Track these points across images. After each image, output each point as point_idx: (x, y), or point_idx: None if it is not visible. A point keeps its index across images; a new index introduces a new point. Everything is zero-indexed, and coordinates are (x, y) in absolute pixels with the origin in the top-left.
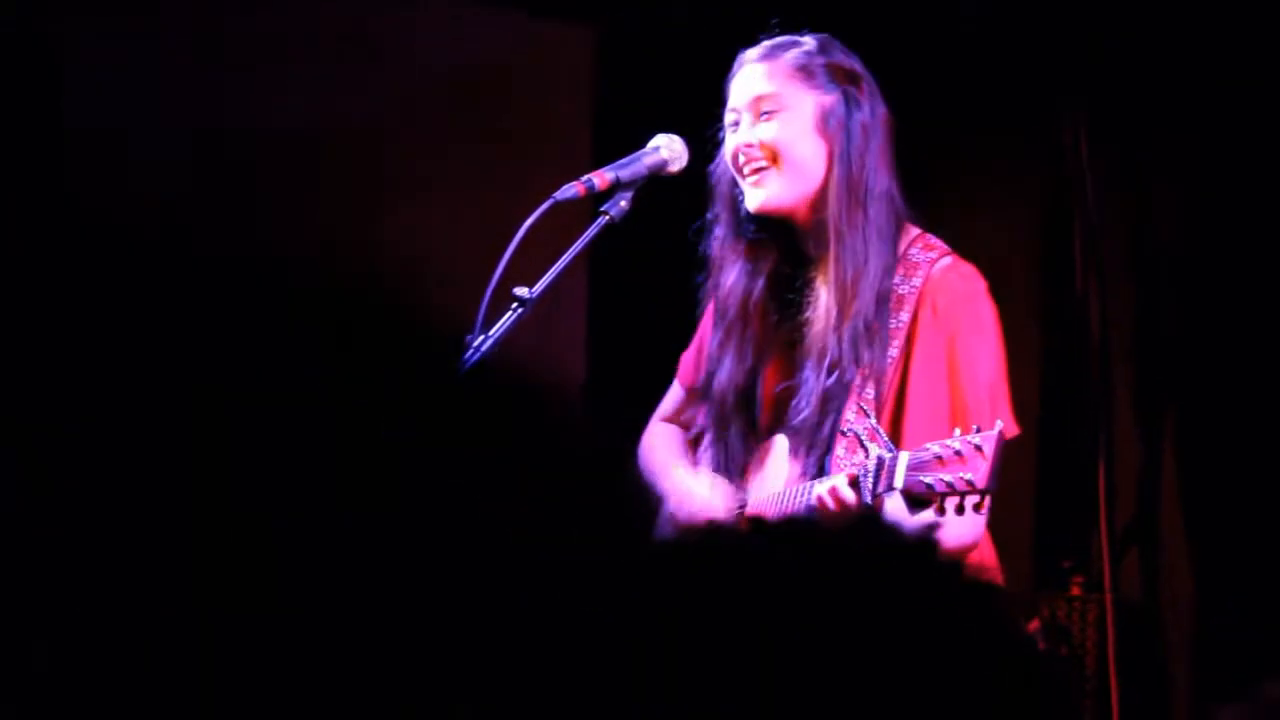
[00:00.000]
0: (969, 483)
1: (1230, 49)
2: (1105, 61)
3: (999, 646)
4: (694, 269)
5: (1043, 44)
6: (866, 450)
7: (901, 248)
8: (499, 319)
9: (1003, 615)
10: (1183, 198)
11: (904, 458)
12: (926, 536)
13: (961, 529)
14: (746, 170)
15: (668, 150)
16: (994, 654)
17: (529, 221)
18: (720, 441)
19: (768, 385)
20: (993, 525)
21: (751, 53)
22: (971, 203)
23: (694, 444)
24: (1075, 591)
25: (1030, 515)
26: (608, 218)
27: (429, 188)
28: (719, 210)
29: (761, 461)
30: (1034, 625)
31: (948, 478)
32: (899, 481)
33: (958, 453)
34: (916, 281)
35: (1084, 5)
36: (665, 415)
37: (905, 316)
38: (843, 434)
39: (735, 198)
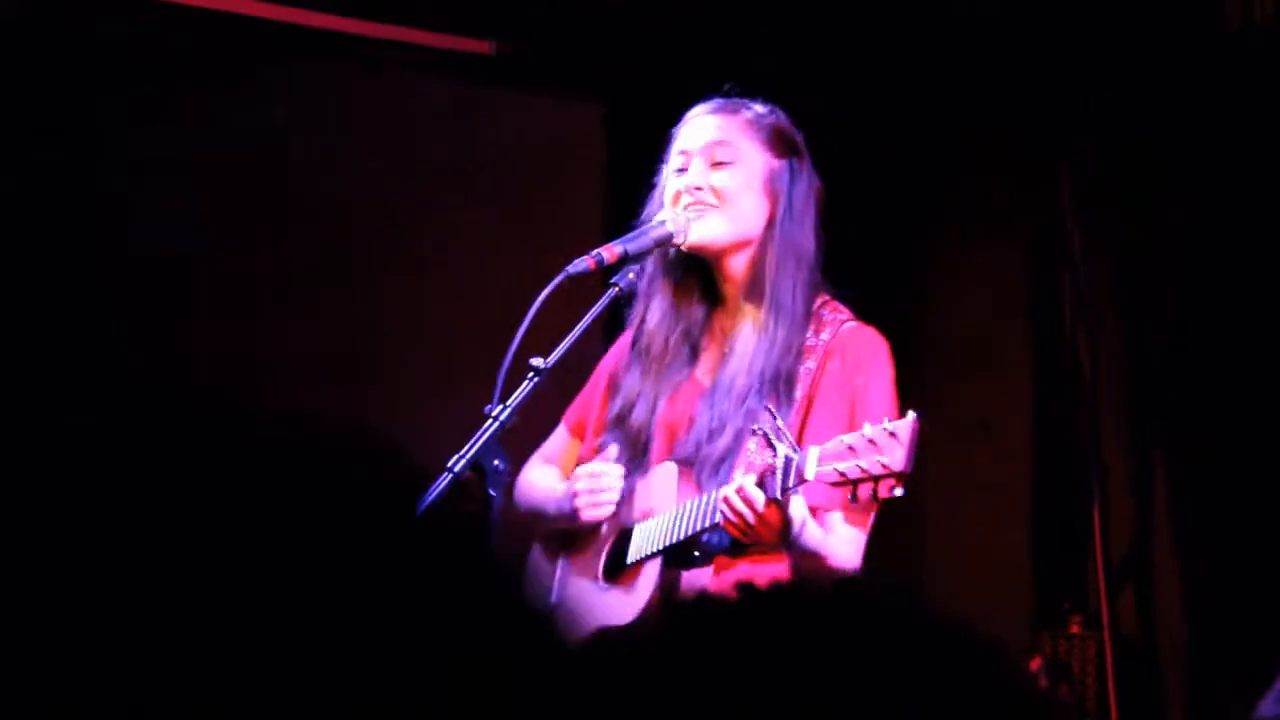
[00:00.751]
0: (885, 466)
1: (1213, 102)
2: (1092, 114)
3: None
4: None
5: (1030, 98)
6: (774, 449)
7: (814, 307)
8: (516, 389)
9: (1011, 673)
10: (1168, 245)
11: (814, 450)
12: (911, 596)
13: (845, 555)
14: (690, 206)
15: (673, 224)
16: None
17: (543, 294)
18: (631, 470)
19: (667, 416)
20: (991, 566)
21: (706, 105)
22: (964, 252)
23: None
24: (1074, 630)
25: (1029, 557)
26: (618, 289)
27: (447, 261)
28: (640, 257)
29: (652, 487)
30: (1036, 663)
31: (862, 463)
32: (810, 473)
33: (871, 441)
34: (825, 336)
35: (1071, 62)
36: (546, 456)
37: (812, 365)
38: (752, 433)
39: (655, 247)
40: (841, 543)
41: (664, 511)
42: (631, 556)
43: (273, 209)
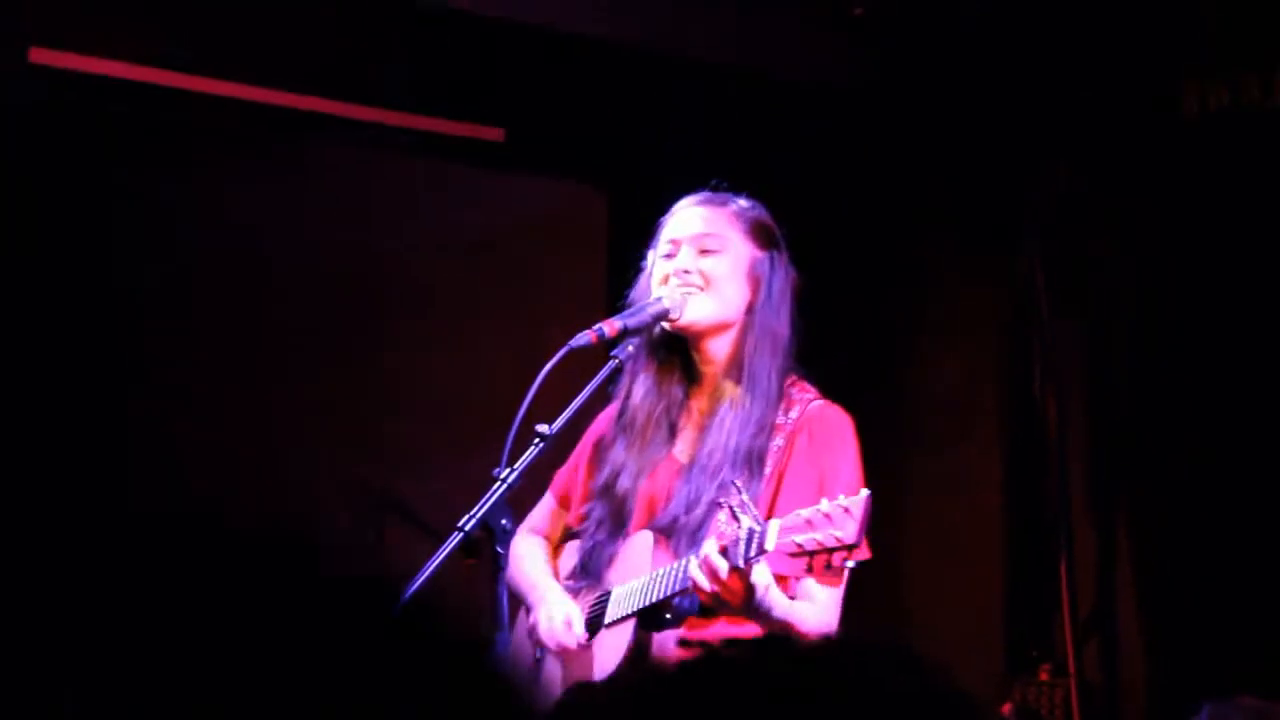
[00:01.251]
0: (838, 539)
1: (1173, 182)
2: (1059, 190)
3: None
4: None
5: (999, 172)
6: (739, 521)
7: (784, 386)
8: (522, 453)
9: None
10: (1133, 315)
11: (775, 524)
12: (904, 654)
13: (821, 619)
14: (679, 288)
15: (669, 300)
16: None
17: (548, 366)
18: (611, 537)
19: (647, 489)
20: (965, 617)
21: (694, 198)
22: (937, 322)
23: (556, 553)
24: (1043, 676)
25: (1000, 608)
26: (617, 361)
27: (458, 333)
28: (639, 332)
29: (625, 553)
30: (1007, 708)
31: (818, 536)
32: (770, 544)
33: (826, 515)
34: (794, 414)
35: (1039, 142)
36: (533, 527)
37: (780, 442)
38: (719, 504)
39: (653, 323)
40: (815, 606)
41: (640, 576)
42: (608, 618)
43: (289, 284)
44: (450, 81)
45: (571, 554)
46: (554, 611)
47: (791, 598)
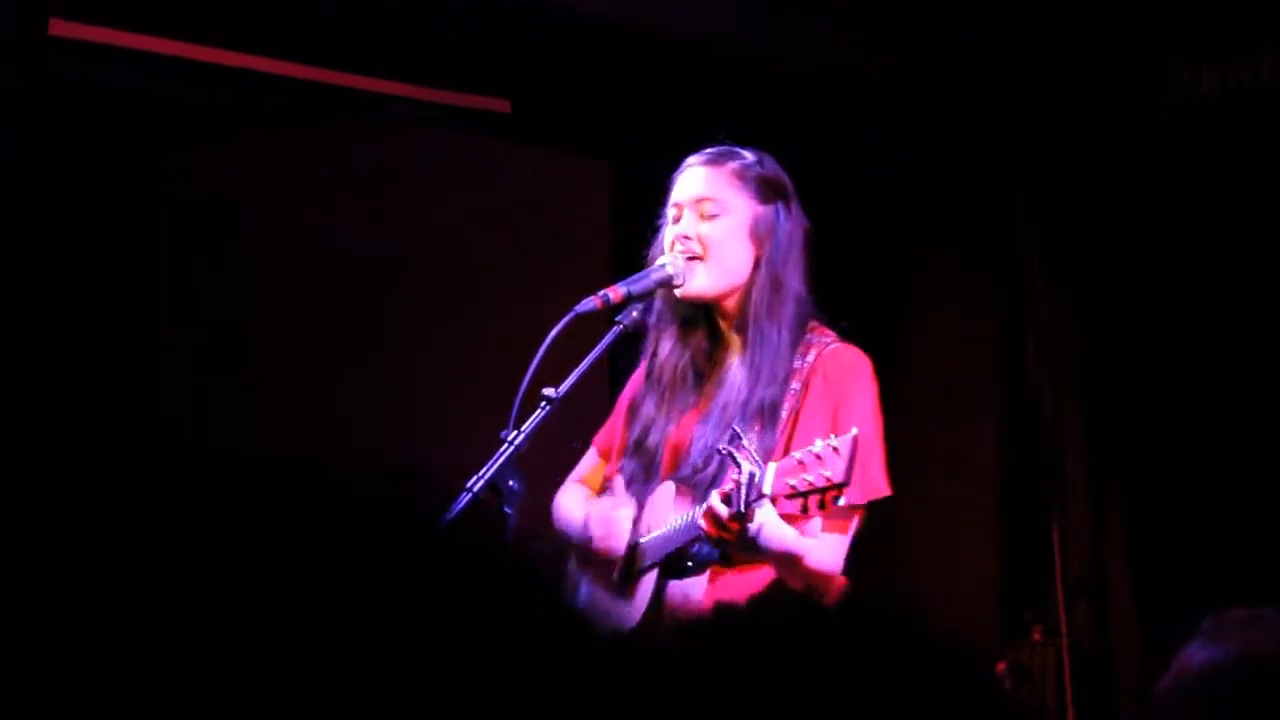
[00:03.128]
0: (828, 478)
1: (1160, 164)
2: (1051, 171)
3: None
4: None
5: (994, 155)
6: (740, 467)
7: (804, 334)
8: (529, 416)
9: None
10: (1122, 292)
11: (773, 466)
12: (908, 610)
13: (822, 556)
14: (680, 254)
15: (672, 267)
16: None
17: (554, 331)
18: (644, 487)
19: (673, 440)
20: (962, 583)
21: (697, 157)
22: (935, 302)
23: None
24: (1036, 638)
25: (996, 573)
26: (621, 326)
27: (465, 304)
28: (643, 297)
29: (655, 505)
30: (1001, 667)
31: (809, 477)
32: (768, 488)
33: (817, 455)
34: (810, 358)
35: (1031, 123)
36: (580, 477)
37: (797, 385)
38: (719, 451)
39: (656, 288)
40: (819, 545)
41: (663, 527)
42: (636, 567)
43: (297, 253)
44: (457, 53)
45: None
46: (592, 509)
47: None
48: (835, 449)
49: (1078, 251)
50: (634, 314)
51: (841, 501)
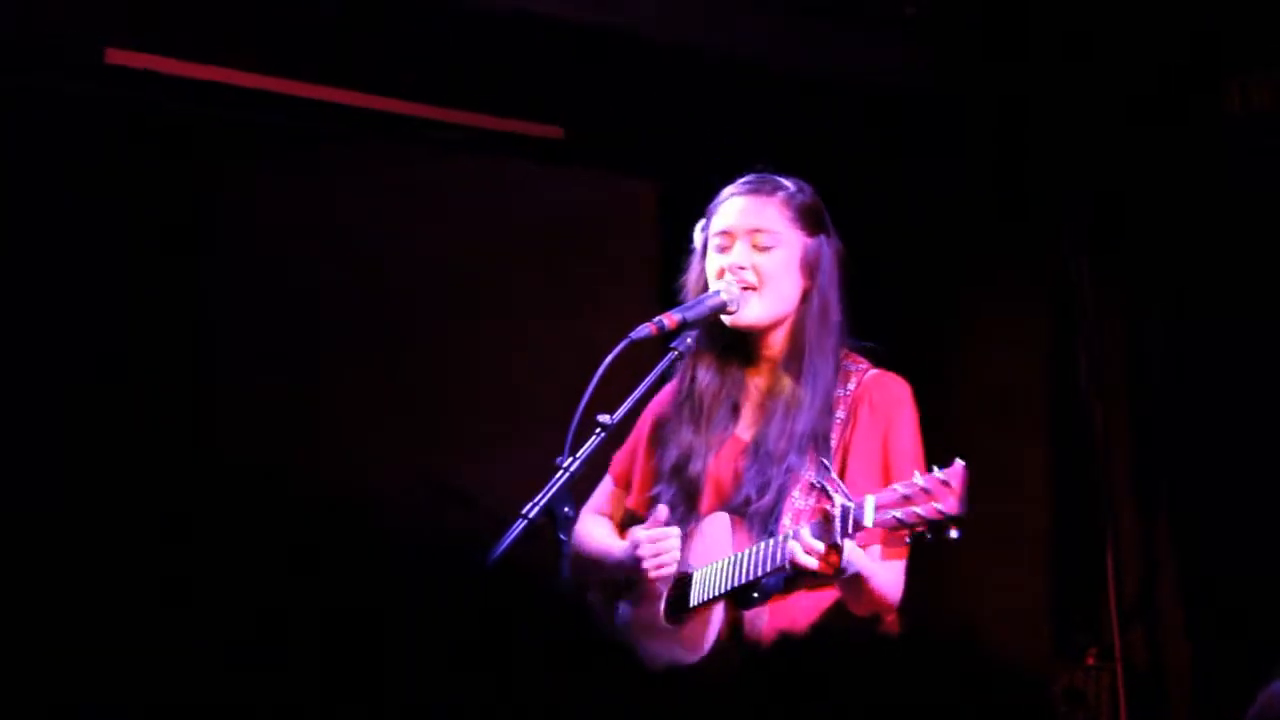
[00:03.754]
0: (940, 511)
1: (1215, 180)
2: (1107, 189)
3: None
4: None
5: (1050, 174)
6: (831, 499)
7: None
8: (584, 443)
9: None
10: (1173, 314)
11: (870, 499)
12: (964, 636)
13: (886, 581)
14: (734, 284)
15: (727, 294)
16: None
17: (609, 358)
18: (685, 518)
19: (715, 470)
20: (1013, 607)
21: (742, 186)
22: (987, 320)
23: (620, 532)
24: (1090, 661)
25: (1048, 596)
26: (677, 353)
27: (523, 326)
28: (697, 324)
29: (707, 536)
30: (1055, 692)
31: (919, 510)
32: (868, 520)
33: (924, 489)
34: (851, 386)
35: (1085, 137)
36: (595, 508)
37: (841, 414)
38: (811, 486)
39: (711, 315)
40: (885, 571)
41: (720, 557)
42: (695, 599)
43: (352, 279)
44: (511, 80)
45: None
46: (636, 537)
47: None
48: (945, 482)
49: (1131, 269)
50: (689, 340)
51: (953, 534)
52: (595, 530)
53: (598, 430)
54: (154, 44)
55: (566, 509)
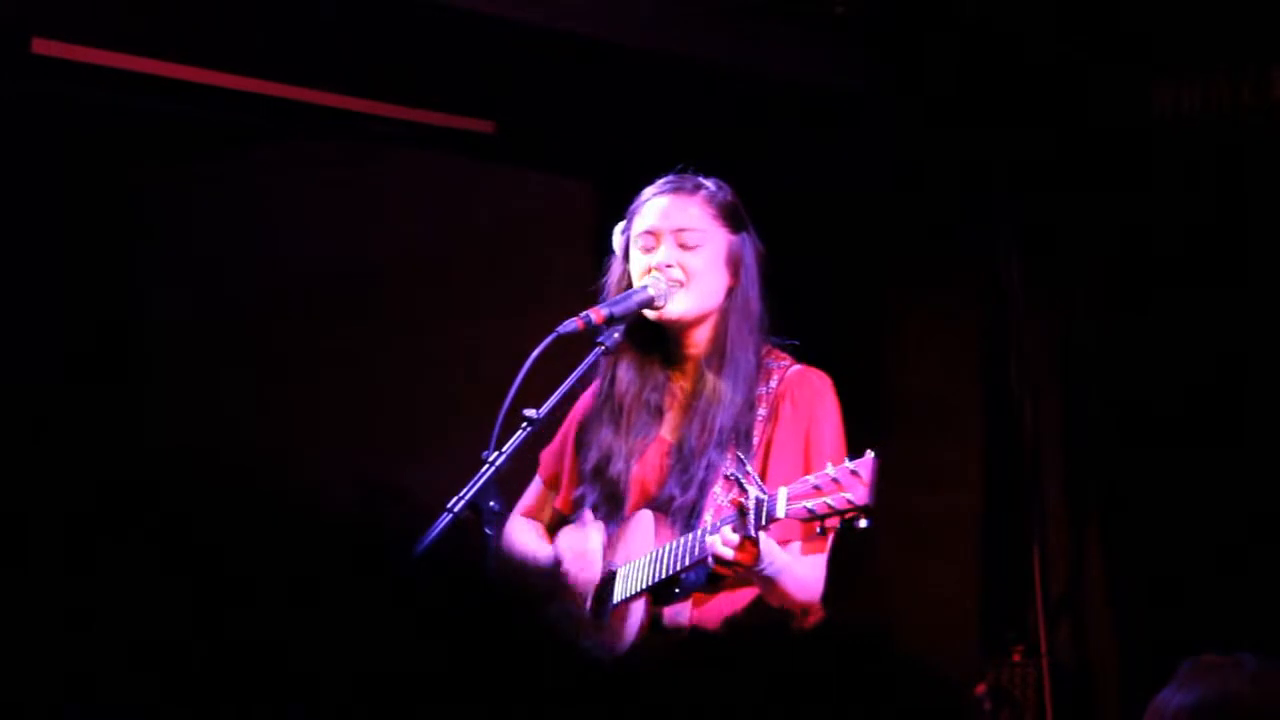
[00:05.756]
0: (849, 502)
1: (1142, 182)
2: (1036, 206)
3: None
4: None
5: (978, 177)
6: (745, 492)
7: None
8: (511, 437)
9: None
10: (1102, 313)
11: (783, 490)
12: (879, 632)
13: (806, 576)
14: (661, 281)
15: (654, 289)
16: None
17: (535, 352)
18: (609, 519)
19: (639, 470)
20: (942, 603)
21: (664, 185)
22: (918, 321)
23: (550, 533)
24: (1016, 658)
25: (976, 593)
26: (603, 347)
27: (448, 323)
28: (624, 319)
29: (630, 534)
30: (981, 688)
31: (829, 500)
32: (780, 511)
33: (835, 480)
34: (773, 383)
35: (1012, 142)
36: (526, 509)
37: (763, 411)
38: (725, 478)
39: (639, 310)
40: (804, 566)
41: (643, 555)
42: (617, 596)
43: (279, 273)
44: (442, 74)
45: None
46: (562, 540)
47: None
48: (854, 473)
49: (1059, 269)
50: (615, 335)
51: (862, 524)
52: (521, 534)
53: (524, 425)
54: (81, 34)
55: (493, 503)
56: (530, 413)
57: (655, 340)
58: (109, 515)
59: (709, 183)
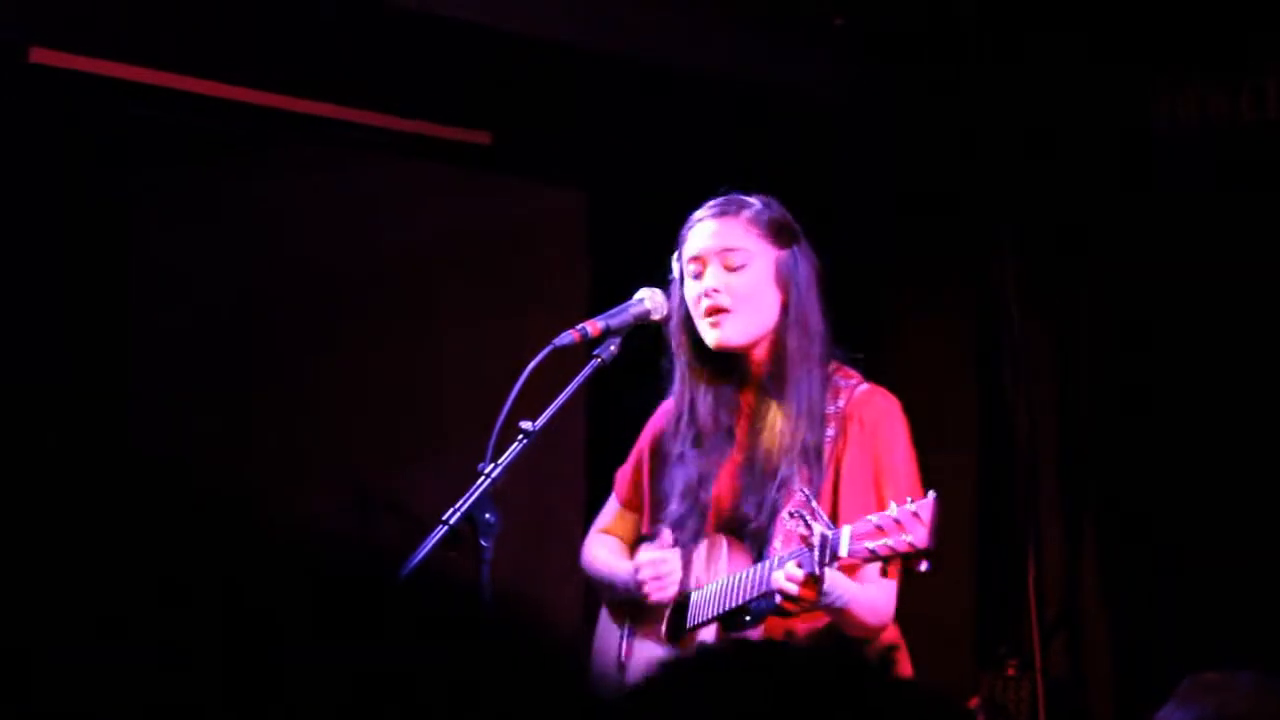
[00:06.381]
0: (910, 545)
1: (1140, 193)
2: (1031, 198)
3: None
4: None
5: (976, 184)
6: (810, 529)
7: (828, 374)
8: (506, 449)
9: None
10: (1099, 324)
11: (846, 530)
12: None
13: (877, 602)
14: (706, 312)
15: (650, 301)
16: None
17: (531, 365)
18: (687, 540)
19: (717, 491)
20: (936, 615)
21: (709, 210)
22: (915, 327)
23: (630, 552)
24: (1010, 672)
25: (970, 606)
26: (600, 360)
27: (443, 335)
28: (683, 344)
29: (706, 557)
30: (974, 702)
31: (890, 541)
32: (844, 551)
33: (896, 521)
34: (841, 403)
35: (1012, 151)
36: (603, 527)
37: (832, 431)
38: (789, 515)
39: (695, 333)
40: (876, 591)
41: (717, 580)
42: (690, 621)
43: (276, 282)
44: (439, 86)
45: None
46: (638, 560)
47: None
48: (915, 514)
49: (1055, 277)
50: (612, 348)
51: (923, 567)
52: (600, 551)
53: (520, 437)
54: (79, 44)
55: (488, 515)
56: (526, 425)
57: (724, 359)
58: (101, 519)
59: (755, 200)
